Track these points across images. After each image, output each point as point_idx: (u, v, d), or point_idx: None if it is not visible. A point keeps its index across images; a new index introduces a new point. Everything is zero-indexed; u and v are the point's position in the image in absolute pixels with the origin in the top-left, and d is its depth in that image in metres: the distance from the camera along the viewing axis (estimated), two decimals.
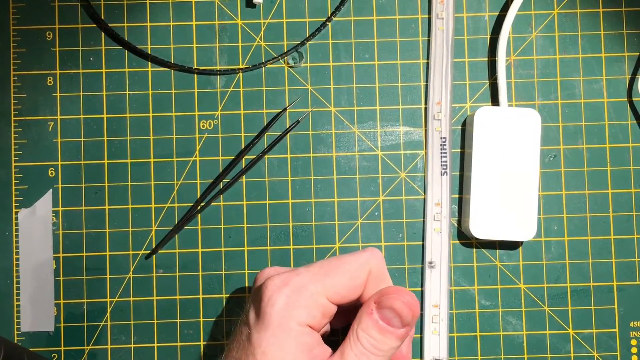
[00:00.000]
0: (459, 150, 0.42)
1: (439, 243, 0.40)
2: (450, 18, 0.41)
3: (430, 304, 0.40)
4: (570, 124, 0.42)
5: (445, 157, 0.41)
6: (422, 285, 0.41)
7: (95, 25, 0.42)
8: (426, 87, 0.42)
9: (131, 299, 0.41)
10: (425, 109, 0.42)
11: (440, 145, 0.41)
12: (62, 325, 0.41)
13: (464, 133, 0.41)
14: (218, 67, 0.42)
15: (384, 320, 0.31)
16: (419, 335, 0.40)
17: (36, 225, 0.41)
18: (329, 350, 0.32)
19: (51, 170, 0.41)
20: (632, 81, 0.42)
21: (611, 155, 0.42)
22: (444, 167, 0.41)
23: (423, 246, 0.41)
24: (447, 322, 0.40)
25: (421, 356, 0.40)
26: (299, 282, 0.31)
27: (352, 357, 0.30)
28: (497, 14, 0.42)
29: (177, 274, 0.41)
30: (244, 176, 0.41)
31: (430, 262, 0.40)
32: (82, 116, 0.42)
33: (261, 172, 0.41)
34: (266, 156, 0.41)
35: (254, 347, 0.30)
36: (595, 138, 0.42)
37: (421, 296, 0.41)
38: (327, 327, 0.35)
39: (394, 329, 0.31)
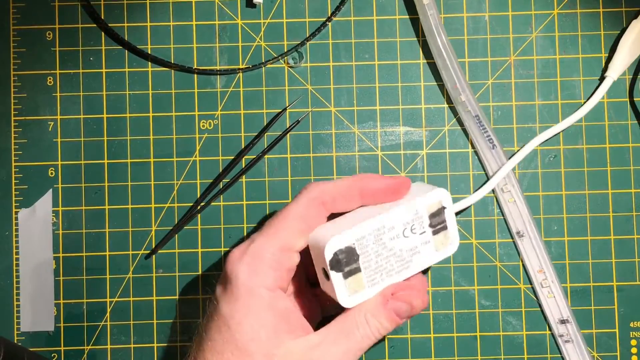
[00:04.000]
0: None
1: (518, 214, 0.40)
2: None
3: (535, 271, 0.40)
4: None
5: (487, 131, 0.40)
6: (519, 255, 0.41)
7: (95, 25, 0.42)
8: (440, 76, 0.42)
9: (131, 299, 0.41)
10: (425, 108, 0.42)
11: (477, 124, 0.40)
12: (62, 325, 0.41)
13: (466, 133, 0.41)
14: (218, 67, 0.42)
15: (395, 310, 0.32)
16: (538, 309, 0.41)
17: (36, 225, 0.41)
18: (308, 325, 0.32)
19: (51, 170, 0.41)
20: (632, 81, 0.42)
21: (611, 155, 0.42)
22: (490, 140, 0.40)
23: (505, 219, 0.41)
24: (558, 284, 0.40)
25: (546, 321, 0.40)
26: (256, 248, 0.31)
27: (358, 337, 0.31)
28: (497, 14, 0.42)
29: (177, 274, 0.41)
30: (244, 176, 0.41)
31: (518, 232, 0.41)
32: (82, 116, 0.42)
33: (261, 172, 0.41)
34: (266, 156, 0.41)
35: (227, 319, 0.30)
36: (595, 138, 0.42)
37: (522, 266, 0.41)
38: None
39: (400, 320, 0.32)
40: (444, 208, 0.34)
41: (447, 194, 0.34)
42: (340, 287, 0.32)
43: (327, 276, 0.32)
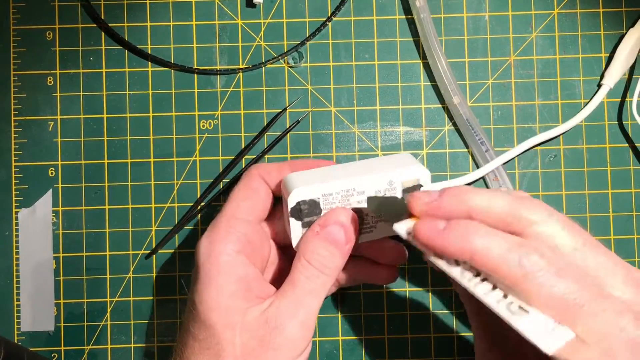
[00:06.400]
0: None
1: None
2: None
3: None
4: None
5: (478, 134, 0.40)
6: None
7: (95, 25, 0.42)
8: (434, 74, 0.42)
9: (131, 299, 0.41)
10: (425, 108, 0.42)
11: (469, 127, 0.40)
12: (62, 325, 0.41)
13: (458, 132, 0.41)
14: (218, 67, 0.42)
15: (327, 235, 0.32)
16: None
17: (36, 225, 0.41)
18: (270, 290, 0.32)
19: (51, 170, 0.41)
20: (629, 81, 0.42)
21: (611, 155, 0.42)
22: (482, 143, 0.40)
23: None
24: None
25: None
26: (213, 225, 0.33)
27: (303, 280, 0.31)
28: (497, 14, 0.42)
29: (177, 273, 0.41)
30: None
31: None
32: (82, 116, 0.42)
33: None
34: (266, 156, 0.41)
35: (192, 295, 0.31)
36: (595, 138, 0.42)
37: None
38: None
39: (341, 243, 0.32)
40: (420, 186, 0.34)
41: (427, 174, 0.34)
42: (296, 233, 0.33)
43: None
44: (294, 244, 0.33)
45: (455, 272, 0.27)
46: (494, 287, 0.26)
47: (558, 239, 0.26)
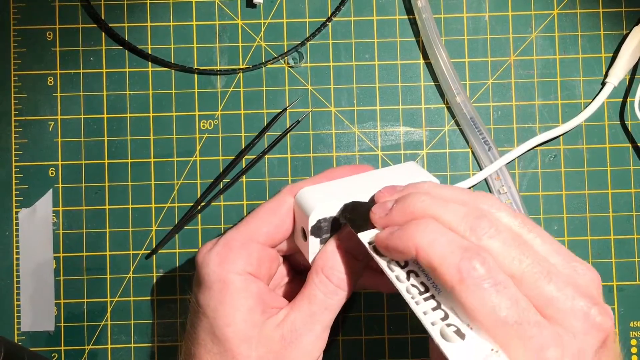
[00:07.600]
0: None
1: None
2: None
3: None
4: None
5: (482, 133, 0.40)
6: None
7: (95, 25, 0.42)
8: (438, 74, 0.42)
9: (131, 298, 0.41)
10: (425, 108, 0.42)
11: (472, 126, 0.40)
12: (62, 325, 0.41)
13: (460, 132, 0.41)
14: (218, 67, 0.42)
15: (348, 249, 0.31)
16: None
17: (36, 225, 0.41)
18: (284, 300, 0.32)
19: (51, 170, 0.41)
20: (631, 81, 0.42)
21: (611, 155, 0.42)
22: (485, 142, 0.40)
23: None
24: None
25: None
26: (226, 239, 0.31)
27: (320, 297, 0.30)
28: (497, 14, 0.42)
29: (177, 273, 0.41)
30: (244, 176, 0.41)
31: None
32: (82, 116, 0.42)
33: (261, 172, 0.41)
34: (266, 156, 0.41)
35: (204, 309, 0.31)
36: (595, 138, 0.42)
37: None
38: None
39: (360, 257, 0.31)
40: None
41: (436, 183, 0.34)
42: (314, 250, 0.32)
43: (305, 237, 0.32)
44: (310, 260, 0.32)
45: (401, 287, 0.26)
46: (438, 307, 0.25)
47: (500, 257, 0.24)
